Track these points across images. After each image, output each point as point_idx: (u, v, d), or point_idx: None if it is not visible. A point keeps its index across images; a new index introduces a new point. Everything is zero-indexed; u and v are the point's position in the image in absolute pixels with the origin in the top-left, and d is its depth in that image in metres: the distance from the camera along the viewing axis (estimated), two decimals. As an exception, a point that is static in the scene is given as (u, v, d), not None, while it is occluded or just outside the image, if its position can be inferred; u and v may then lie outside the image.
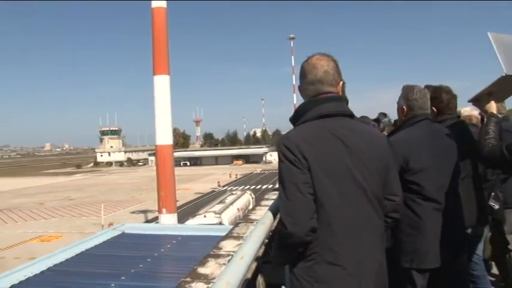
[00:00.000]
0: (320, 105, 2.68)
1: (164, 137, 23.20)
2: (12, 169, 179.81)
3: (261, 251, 3.02)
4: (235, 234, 3.90)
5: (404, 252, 3.62)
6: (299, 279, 2.56)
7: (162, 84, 22.67)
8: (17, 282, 5.44)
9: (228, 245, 3.55)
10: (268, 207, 3.47)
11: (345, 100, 2.87)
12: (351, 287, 2.52)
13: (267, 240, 3.14)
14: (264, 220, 2.97)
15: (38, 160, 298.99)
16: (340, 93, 2.86)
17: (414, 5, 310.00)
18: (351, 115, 2.78)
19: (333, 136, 2.60)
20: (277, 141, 2.65)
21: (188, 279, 2.84)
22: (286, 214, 2.49)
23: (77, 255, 6.91)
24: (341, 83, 2.83)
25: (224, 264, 3.06)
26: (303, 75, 2.81)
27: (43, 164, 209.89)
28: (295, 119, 2.77)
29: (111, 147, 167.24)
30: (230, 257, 3.16)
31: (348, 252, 2.53)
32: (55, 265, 6.30)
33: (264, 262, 3.28)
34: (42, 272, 5.98)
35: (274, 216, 2.98)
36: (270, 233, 3.21)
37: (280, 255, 2.71)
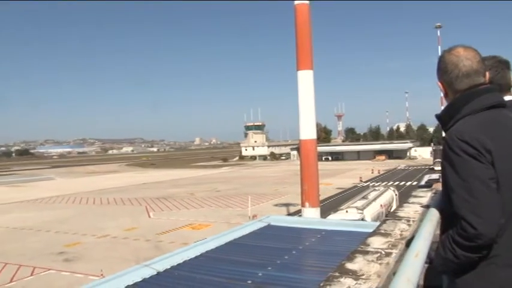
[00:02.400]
0: (482, 96, 2.52)
1: (308, 131, 23.39)
2: (167, 161, 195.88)
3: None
4: (383, 231, 3.79)
5: None
6: (472, 285, 2.41)
7: (305, 79, 22.90)
8: (175, 264, 5.96)
9: (376, 242, 3.47)
10: (431, 204, 3.32)
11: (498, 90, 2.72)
12: None
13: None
14: (430, 217, 2.85)
15: (189, 153, 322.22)
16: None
17: None
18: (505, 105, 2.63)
19: (507, 128, 2.44)
20: (449, 136, 2.46)
21: (336, 273, 2.83)
22: (473, 213, 2.26)
23: (226, 243, 7.34)
24: (487, 73, 2.67)
25: (373, 261, 3.00)
26: (449, 68, 2.63)
27: (193, 157, 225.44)
28: (452, 113, 2.60)
29: (255, 141, 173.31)
30: (378, 254, 3.10)
31: None
32: (207, 251, 6.76)
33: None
34: (196, 257, 6.46)
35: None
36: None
37: (455, 260, 2.41)
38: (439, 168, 2.74)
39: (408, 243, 2.89)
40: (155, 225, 41.35)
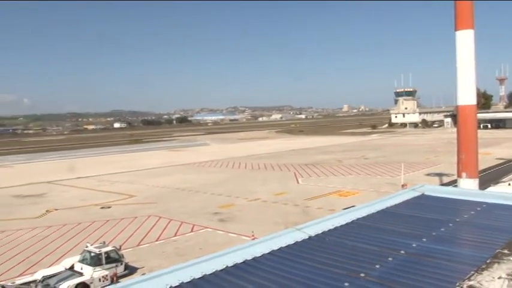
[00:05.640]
0: None
1: (466, 96, 21.61)
2: (315, 128, 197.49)
3: None
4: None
5: None
6: None
7: (465, 39, 21.00)
8: (326, 229, 6.03)
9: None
10: None
11: None
12: None
13: None
14: None
15: (337, 120, 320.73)
16: None
17: None
18: None
19: None
20: None
21: (505, 251, 2.61)
22: None
23: (378, 212, 7.21)
24: None
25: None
26: None
27: (341, 124, 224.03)
28: None
29: (406, 108, 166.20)
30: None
31: None
32: (358, 219, 6.72)
33: None
34: (347, 224, 6.46)
35: None
36: None
37: None
38: None
39: None
40: (303, 190, 42.23)
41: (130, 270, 22.56)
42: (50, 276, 20.79)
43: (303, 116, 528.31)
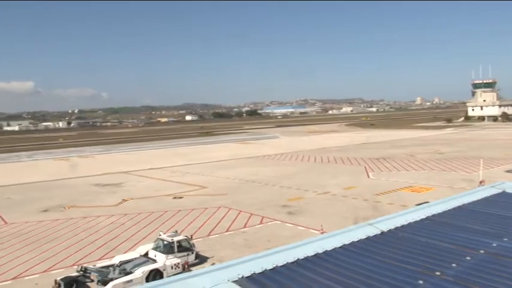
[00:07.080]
0: None
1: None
2: (387, 122, 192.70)
3: None
4: None
5: None
6: None
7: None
8: (400, 225, 5.88)
9: None
10: None
11: None
12: None
13: None
14: None
15: (409, 114, 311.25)
16: None
17: None
18: None
19: None
20: None
21: None
22: None
23: (454, 208, 6.93)
24: None
25: None
26: None
27: (414, 118, 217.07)
28: None
29: (484, 100, 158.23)
30: None
31: None
32: (433, 215, 6.49)
33: None
34: (421, 220, 6.26)
35: None
36: None
37: None
38: None
39: None
40: (374, 185, 41.42)
41: (200, 259, 23.18)
42: (126, 262, 21.83)
43: (374, 109, 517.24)
